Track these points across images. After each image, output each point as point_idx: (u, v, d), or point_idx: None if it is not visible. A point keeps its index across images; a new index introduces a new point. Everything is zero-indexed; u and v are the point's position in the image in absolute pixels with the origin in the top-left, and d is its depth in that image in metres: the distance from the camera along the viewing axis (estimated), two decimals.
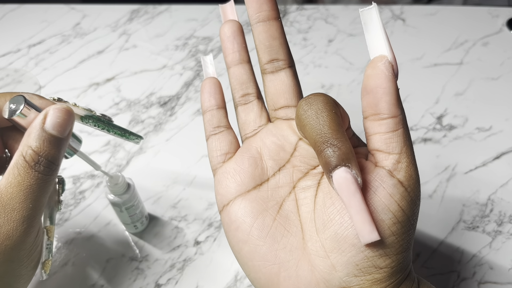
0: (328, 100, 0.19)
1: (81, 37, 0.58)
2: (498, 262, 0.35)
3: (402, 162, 0.19)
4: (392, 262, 0.18)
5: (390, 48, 0.19)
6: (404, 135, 0.19)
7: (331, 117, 0.18)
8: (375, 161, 0.19)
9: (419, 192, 0.19)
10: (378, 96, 0.18)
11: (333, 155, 0.17)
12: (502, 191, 0.40)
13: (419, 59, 0.53)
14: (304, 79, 0.51)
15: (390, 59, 0.19)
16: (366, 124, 0.20)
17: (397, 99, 0.19)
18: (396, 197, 0.18)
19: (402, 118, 0.19)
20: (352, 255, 0.18)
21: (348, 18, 0.59)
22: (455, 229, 0.37)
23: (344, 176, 0.17)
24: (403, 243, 0.18)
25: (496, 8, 0.59)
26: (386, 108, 0.18)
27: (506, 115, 0.46)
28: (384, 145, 0.19)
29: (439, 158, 0.42)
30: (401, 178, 0.18)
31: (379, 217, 0.18)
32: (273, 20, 0.22)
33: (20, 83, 0.53)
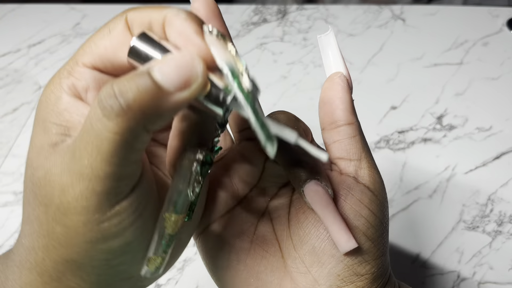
0: (289, 117, 0.19)
1: (81, 37, 0.58)
2: (498, 262, 0.35)
3: (364, 167, 0.19)
4: (372, 267, 0.19)
5: (345, 66, 0.20)
6: (361, 141, 0.20)
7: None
8: (339, 169, 0.20)
9: (386, 194, 0.20)
10: (335, 105, 0.20)
11: (302, 170, 0.18)
12: (502, 191, 0.40)
13: (419, 59, 0.53)
14: (304, 79, 0.51)
15: (345, 74, 0.20)
16: (325, 135, 0.20)
17: (352, 108, 0.20)
18: (365, 201, 0.19)
19: (358, 126, 0.20)
20: (332, 266, 0.18)
21: (348, 18, 0.59)
22: (455, 229, 0.37)
23: (315, 189, 0.18)
24: (379, 247, 0.19)
25: (496, 8, 0.59)
26: (342, 115, 0.19)
27: (506, 115, 0.46)
28: (344, 152, 0.19)
29: (439, 158, 0.42)
30: (367, 182, 0.19)
31: (353, 224, 0.18)
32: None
33: (19, 83, 0.52)
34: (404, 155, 0.43)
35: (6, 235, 0.39)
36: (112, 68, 0.16)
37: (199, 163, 0.17)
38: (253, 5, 0.62)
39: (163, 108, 0.14)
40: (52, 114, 0.16)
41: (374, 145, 0.44)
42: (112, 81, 0.14)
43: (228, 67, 0.15)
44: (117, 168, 0.14)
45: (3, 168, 0.44)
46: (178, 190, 0.17)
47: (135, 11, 0.16)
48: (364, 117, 0.46)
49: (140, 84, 0.13)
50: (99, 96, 0.14)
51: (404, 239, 0.37)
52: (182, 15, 0.15)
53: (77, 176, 0.14)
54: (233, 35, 0.57)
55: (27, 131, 0.47)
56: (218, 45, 0.15)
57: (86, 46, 0.16)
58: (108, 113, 0.13)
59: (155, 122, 0.14)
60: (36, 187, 0.15)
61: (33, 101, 0.50)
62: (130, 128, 0.14)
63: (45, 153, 0.15)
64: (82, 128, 0.14)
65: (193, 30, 0.15)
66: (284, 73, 0.52)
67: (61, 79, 0.16)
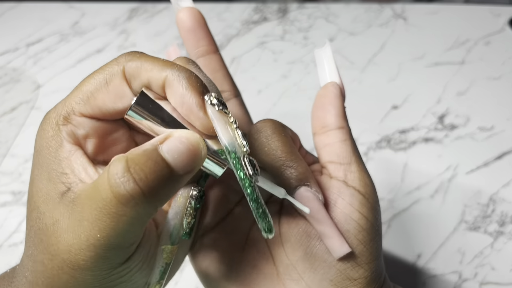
0: (275, 125, 0.19)
1: (80, 36, 0.57)
2: (500, 262, 0.35)
3: (354, 171, 0.19)
4: (365, 271, 0.18)
5: (340, 77, 0.21)
6: (352, 145, 0.20)
7: (282, 140, 0.19)
8: (329, 173, 0.20)
9: (377, 198, 0.20)
10: (326, 110, 0.20)
11: (291, 176, 0.18)
12: (504, 191, 0.39)
13: (420, 58, 0.52)
14: (305, 79, 0.51)
15: (339, 84, 0.21)
16: (316, 139, 0.21)
17: (343, 113, 0.20)
18: (355, 205, 0.18)
19: (348, 131, 0.20)
20: (325, 271, 0.18)
21: (349, 16, 0.59)
22: (456, 229, 0.37)
23: (306, 195, 0.18)
24: (372, 250, 0.19)
25: (498, 7, 0.58)
26: (333, 120, 0.20)
27: (508, 114, 0.46)
28: (335, 156, 0.20)
29: (441, 158, 0.42)
30: (357, 186, 0.19)
31: (344, 228, 0.18)
32: (212, 54, 0.23)
33: (18, 82, 0.52)
34: (405, 155, 0.43)
35: (5, 235, 0.39)
36: (110, 116, 0.17)
37: (193, 199, 0.18)
38: (254, 3, 0.62)
39: (173, 188, 0.15)
40: (55, 161, 0.16)
41: (375, 145, 0.44)
42: (123, 162, 0.14)
43: (230, 148, 0.16)
44: (130, 239, 0.15)
45: (2, 168, 0.44)
46: (174, 225, 0.18)
47: (133, 65, 0.16)
48: (365, 117, 0.46)
49: (157, 169, 0.14)
50: (112, 179, 0.14)
51: (405, 239, 0.37)
52: (183, 81, 0.15)
53: (87, 243, 0.14)
54: (233, 34, 0.57)
55: (26, 130, 0.47)
56: (220, 120, 0.16)
57: (82, 94, 0.16)
58: (126, 200, 0.14)
59: (165, 201, 0.15)
60: (43, 234, 0.15)
61: (32, 100, 0.50)
62: (146, 211, 0.14)
63: (52, 202, 0.15)
64: (88, 201, 0.14)
65: (195, 102, 0.15)
66: (285, 72, 0.52)
67: (59, 125, 0.16)
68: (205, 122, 0.15)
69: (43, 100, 0.50)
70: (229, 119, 0.16)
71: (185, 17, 0.21)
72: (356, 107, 0.47)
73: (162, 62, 0.16)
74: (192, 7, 0.22)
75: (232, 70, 0.52)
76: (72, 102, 0.16)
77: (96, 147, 0.17)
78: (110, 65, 0.16)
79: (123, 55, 0.16)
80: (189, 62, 0.18)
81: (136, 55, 0.16)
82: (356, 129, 0.45)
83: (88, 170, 0.16)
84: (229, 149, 0.16)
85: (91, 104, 0.16)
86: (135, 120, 0.16)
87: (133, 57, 0.16)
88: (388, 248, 0.37)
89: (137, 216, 0.14)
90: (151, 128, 0.16)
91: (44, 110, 0.49)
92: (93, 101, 0.16)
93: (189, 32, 0.22)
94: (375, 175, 0.41)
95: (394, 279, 0.34)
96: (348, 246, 0.18)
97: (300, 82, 0.51)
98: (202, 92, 0.16)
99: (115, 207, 0.14)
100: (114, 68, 0.16)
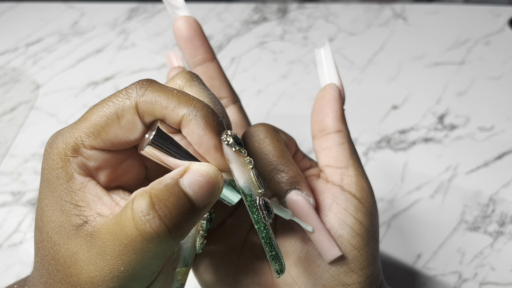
0: (268, 129, 0.19)
1: (80, 36, 0.57)
2: (500, 263, 0.35)
3: (351, 175, 0.19)
4: (359, 277, 0.18)
5: (339, 78, 0.21)
6: (350, 149, 0.20)
7: (274, 144, 0.19)
8: (326, 177, 0.20)
9: (375, 203, 0.19)
10: (325, 113, 0.20)
11: (282, 180, 0.18)
12: (503, 191, 0.39)
13: (420, 58, 0.52)
14: (305, 79, 0.51)
15: (338, 85, 0.21)
16: (314, 143, 0.21)
17: (342, 117, 0.20)
18: (350, 210, 0.18)
19: (347, 134, 0.20)
20: (318, 276, 0.18)
21: (348, 16, 0.59)
22: (456, 229, 0.37)
23: (296, 198, 0.18)
24: (366, 256, 0.18)
25: (498, 7, 0.58)
26: (331, 123, 0.20)
27: (508, 114, 0.46)
28: (332, 160, 0.20)
29: (440, 158, 0.42)
30: (353, 190, 0.19)
31: (338, 233, 0.18)
32: (209, 61, 0.23)
33: (18, 82, 0.52)
34: (405, 155, 0.43)
35: (5, 235, 0.39)
36: (121, 147, 0.16)
37: (204, 220, 0.19)
38: (253, 3, 0.62)
39: (194, 222, 0.15)
40: (67, 193, 0.16)
41: (375, 145, 0.44)
42: (147, 199, 0.14)
43: (246, 191, 0.16)
44: (149, 270, 0.15)
45: (1, 168, 0.44)
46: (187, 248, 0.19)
47: (147, 100, 0.15)
48: (365, 117, 0.46)
49: (180, 204, 0.14)
50: (138, 217, 0.14)
51: (405, 239, 0.37)
52: (201, 121, 0.15)
53: (111, 275, 0.15)
54: (232, 34, 0.57)
55: (25, 130, 0.47)
56: (237, 161, 0.16)
57: (92, 128, 0.16)
58: (152, 238, 0.14)
59: (186, 234, 0.15)
60: (59, 265, 0.15)
61: (32, 100, 0.50)
62: (168, 246, 0.14)
63: (67, 233, 0.15)
64: (114, 237, 0.14)
65: (212, 144, 0.15)
66: (284, 72, 0.52)
67: (68, 157, 0.16)
68: (222, 163, 0.16)
69: (43, 100, 0.50)
70: (245, 160, 0.16)
71: (182, 27, 0.22)
72: (356, 107, 0.47)
73: (177, 98, 0.15)
74: (189, 16, 0.22)
75: (232, 70, 0.52)
76: (82, 134, 0.16)
77: (108, 177, 0.16)
78: (121, 99, 0.16)
79: (134, 88, 0.16)
80: (193, 78, 0.18)
81: (148, 89, 0.16)
82: (356, 129, 0.45)
83: (104, 200, 0.16)
84: (245, 192, 0.16)
85: (102, 138, 0.16)
86: (152, 155, 0.16)
87: (146, 91, 0.15)
88: (388, 248, 0.37)
89: (161, 251, 0.14)
90: (168, 161, 0.16)
91: (44, 110, 0.49)
92: (104, 135, 0.16)
93: (186, 42, 0.22)
94: (375, 175, 0.41)
95: (394, 279, 0.34)
96: (338, 249, 0.18)
97: (300, 82, 0.51)
98: (219, 131, 0.16)
99: (140, 244, 0.14)
100: (125, 102, 0.15)
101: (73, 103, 0.50)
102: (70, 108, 0.49)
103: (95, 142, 0.16)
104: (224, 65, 0.53)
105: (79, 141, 0.16)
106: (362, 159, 0.43)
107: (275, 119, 0.47)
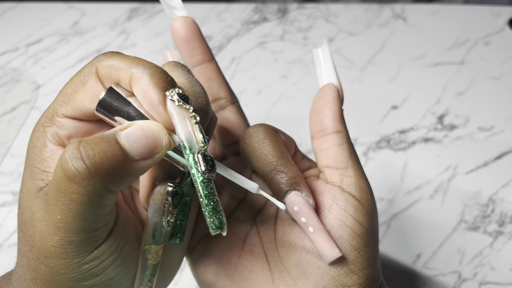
0: (267, 130, 0.19)
1: (80, 36, 0.57)
2: (500, 262, 0.35)
3: (351, 176, 0.19)
4: (359, 278, 0.18)
5: (337, 78, 0.21)
6: (349, 149, 0.20)
7: (273, 145, 0.19)
8: (325, 178, 0.20)
9: (374, 203, 0.19)
10: (324, 113, 0.20)
11: (282, 181, 0.18)
12: (503, 191, 0.39)
13: (420, 58, 0.52)
14: (305, 79, 0.51)
15: (336, 85, 0.21)
16: (314, 143, 0.21)
17: (341, 117, 0.20)
18: (350, 211, 0.18)
19: (346, 134, 0.20)
20: (318, 277, 0.18)
21: (348, 16, 0.59)
22: (456, 229, 0.37)
23: (295, 199, 0.18)
24: (366, 257, 0.18)
25: (497, 7, 0.58)
26: (330, 124, 0.20)
27: (507, 114, 0.46)
28: (331, 160, 0.19)
29: (440, 158, 0.42)
30: (352, 191, 0.19)
31: (338, 234, 0.18)
32: (207, 62, 0.23)
33: (18, 82, 0.52)
34: (405, 155, 0.43)
35: (5, 235, 0.39)
36: (91, 116, 0.17)
37: (169, 195, 0.18)
38: (253, 3, 0.62)
39: (127, 173, 0.15)
40: (38, 160, 0.17)
41: (375, 145, 0.44)
42: (77, 142, 0.14)
43: (186, 144, 0.16)
44: (90, 222, 0.15)
45: (2, 168, 0.44)
46: (154, 223, 0.18)
47: (104, 64, 0.16)
48: (365, 117, 0.46)
49: (108, 149, 0.14)
50: (63, 156, 0.14)
51: (405, 239, 0.37)
52: (147, 77, 0.15)
53: (53, 227, 0.15)
54: (232, 34, 0.57)
55: (25, 130, 0.47)
56: (180, 115, 0.16)
57: (63, 96, 0.17)
58: (73, 176, 0.14)
59: (119, 185, 0.15)
60: (24, 227, 0.16)
61: (32, 101, 0.50)
62: (95, 190, 0.14)
63: (31, 196, 0.16)
64: (51, 184, 0.15)
65: (156, 97, 0.15)
66: (284, 72, 0.52)
67: (44, 127, 0.17)
68: (164, 117, 0.16)
69: (43, 100, 0.50)
70: (189, 114, 0.16)
71: (179, 27, 0.22)
72: (356, 107, 0.47)
73: (131, 60, 0.16)
74: (186, 16, 0.22)
75: (232, 70, 0.53)
76: (55, 104, 0.17)
77: None
78: (86, 67, 0.17)
79: (98, 56, 0.17)
80: (177, 66, 0.18)
81: (108, 55, 0.16)
82: (356, 129, 0.45)
83: None
84: (185, 144, 0.16)
85: (71, 106, 0.17)
86: (105, 115, 0.17)
87: (105, 57, 0.16)
88: (388, 248, 0.37)
89: (87, 194, 0.14)
90: (119, 121, 0.17)
91: (43, 110, 0.49)
92: (73, 102, 0.17)
93: (184, 42, 0.22)
94: (375, 175, 0.41)
95: (394, 279, 0.34)
96: (338, 250, 0.17)
97: (300, 82, 0.51)
98: (165, 87, 0.16)
99: (65, 184, 0.14)
100: (89, 69, 0.17)
101: None
102: None
103: (66, 110, 0.17)
104: (224, 65, 0.53)
105: (53, 111, 0.17)
106: (362, 159, 0.43)
107: (275, 119, 0.47)
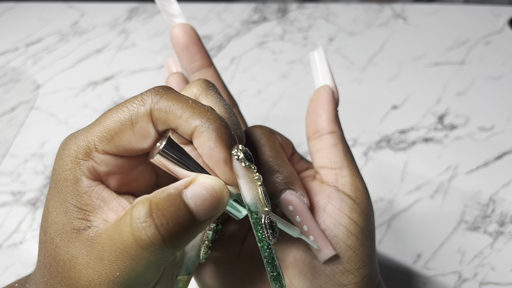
0: (263, 131, 0.20)
1: (80, 36, 0.57)
2: (500, 263, 0.35)
3: (346, 175, 0.19)
4: (355, 277, 0.18)
5: (333, 80, 0.21)
6: (344, 150, 0.20)
7: (269, 145, 0.19)
8: (321, 178, 0.20)
9: (370, 203, 0.19)
10: (318, 115, 0.20)
11: (277, 181, 0.18)
12: (503, 191, 0.39)
13: (420, 58, 0.52)
14: (305, 79, 0.51)
15: (332, 87, 0.21)
16: (309, 144, 0.21)
17: (335, 118, 0.20)
18: (345, 210, 0.18)
19: (340, 135, 0.20)
20: (314, 277, 0.18)
21: (348, 16, 0.59)
22: (456, 229, 0.37)
23: (290, 198, 0.18)
24: (362, 256, 0.18)
25: (498, 7, 0.58)
26: (325, 124, 0.20)
27: (508, 114, 0.46)
28: (326, 161, 0.20)
29: (440, 158, 0.42)
30: (347, 191, 0.19)
31: (332, 233, 0.18)
32: (206, 68, 0.23)
33: (18, 82, 0.52)
34: (405, 155, 0.43)
35: (5, 235, 0.39)
36: (134, 153, 0.16)
37: (211, 231, 0.19)
38: (253, 3, 0.62)
39: (192, 234, 0.15)
40: (72, 196, 0.16)
41: (375, 145, 0.44)
42: (147, 207, 0.14)
43: (252, 208, 0.16)
44: (148, 278, 0.15)
45: (1, 168, 0.44)
46: (191, 257, 0.19)
47: (161, 108, 0.15)
48: (365, 117, 0.46)
49: (179, 215, 0.14)
50: (135, 223, 0.14)
51: (405, 239, 0.37)
52: (213, 134, 0.15)
53: (107, 280, 0.15)
54: (232, 34, 0.57)
55: (25, 130, 0.47)
56: (245, 176, 0.16)
57: (105, 132, 0.16)
58: (147, 246, 0.14)
59: (183, 246, 0.15)
60: (59, 267, 0.16)
61: (32, 100, 0.50)
62: (164, 256, 0.14)
63: (68, 236, 0.15)
64: (109, 241, 0.14)
65: (222, 157, 0.15)
66: (284, 72, 0.52)
67: (79, 159, 0.16)
68: (230, 178, 0.16)
69: (43, 100, 0.50)
70: (254, 176, 0.16)
71: (179, 34, 0.22)
72: (356, 107, 0.47)
73: (191, 108, 0.15)
74: (185, 23, 0.22)
75: (232, 70, 0.52)
76: (95, 138, 0.16)
77: (119, 182, 0.16)
78: (136, 105, 0.15)
79: (150, 95, 0.16)
80: (209, 87, 0.17)
81: (164, 96, 0.15)
82: (356, 129, 0.45)
83: (111, 204, 0.16)
84: (251, 208, 0.16)
85: (115, 144, 0.16)
86: (161, 164, 0.16)
87: (160, 98, 0.15)
88: (388, 248, 0.37)
89: (155, 260, 0.14)
90: (176, 171, 0.16)
91: (44, 110, 0.49)
92: (117, 141, 0.16)
93: (183, 49, 0.22)
94: (375, 175, 0.41)
95: (394, 279, 0.34)
96: (332, 249, 0.18)
97: (299, 82, 0.51)
98: (230, 145, 0.16)
99: (134, 251, 0.14)
100: (140, 109, 0.15)
101: (73, 103, 0.50)
102: (70, 108, 0.49)
103: (108, 147, 0.16)
104: (224, 65, 0.53)
105: (91, 144, 0.16)
106: (362, 159, 0.43)
107: (275, 119, 0.47)
